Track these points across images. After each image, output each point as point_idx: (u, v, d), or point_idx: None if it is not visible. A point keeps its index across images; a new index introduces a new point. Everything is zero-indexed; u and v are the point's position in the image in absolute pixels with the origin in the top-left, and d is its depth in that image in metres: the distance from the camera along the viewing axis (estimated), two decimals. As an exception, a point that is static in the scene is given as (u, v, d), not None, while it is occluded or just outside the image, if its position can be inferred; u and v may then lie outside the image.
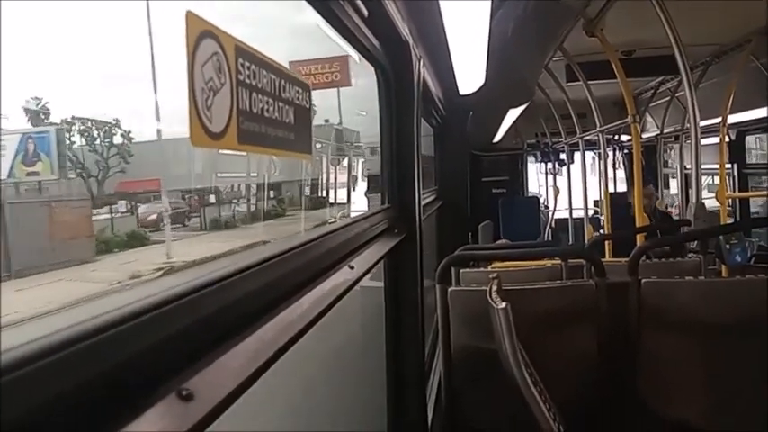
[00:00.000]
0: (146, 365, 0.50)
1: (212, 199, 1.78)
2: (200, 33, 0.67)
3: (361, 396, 1.83)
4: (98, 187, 1.27)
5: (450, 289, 1.99)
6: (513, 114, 5.32)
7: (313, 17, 1.12)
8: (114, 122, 1.33)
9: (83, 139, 1.26)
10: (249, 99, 0.79)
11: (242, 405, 0.58)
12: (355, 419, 1.77)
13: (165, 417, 0.48)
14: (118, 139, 1.33)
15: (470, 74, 2.79)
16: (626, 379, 1.92)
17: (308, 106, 1.02)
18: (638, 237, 3.62)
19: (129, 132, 1.35)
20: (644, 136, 5.92)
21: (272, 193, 2.14)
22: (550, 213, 7.79)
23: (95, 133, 1.30)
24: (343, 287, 1.00)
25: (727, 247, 3.23)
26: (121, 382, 0.47)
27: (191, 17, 0.64)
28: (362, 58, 1.54)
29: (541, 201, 8.40)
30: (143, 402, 0.48)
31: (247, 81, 0.79)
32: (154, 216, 1.44)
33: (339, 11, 1.13)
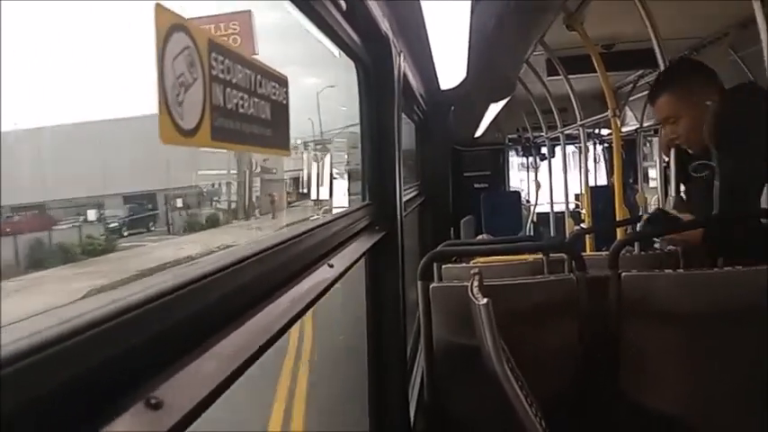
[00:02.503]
0: (112, 373, 0.48)
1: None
2: (171, 27, 0.64)
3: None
4: None
5: (431, 285, 1.98)
6: (494, 109, 5.34)
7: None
8: None
9: None
10: (223, 94, 0.77)
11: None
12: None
13: (131, 426, 0.46)
14: None
15: (451, 68, 2.78)
16: (608, 372, 1.93)
17: (285, 102, 0.99)
18: (618, 230, 3.65)
19: None
20: (624, 130, 5.96)
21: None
22: (532, 208, 7.83)
23: None
24: (322, 286, 0.98)
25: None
26: (86, 390, 0.45)
27: (160, 10, 0.62)
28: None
29: (523, 195, 8.44)
30: (108, 412, 0.46)
31: (221, 76, 0.76)
32: None
33: (316, 4, 1.11)
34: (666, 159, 2.77)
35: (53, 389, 0.43)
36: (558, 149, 6.90)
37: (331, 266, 1.07)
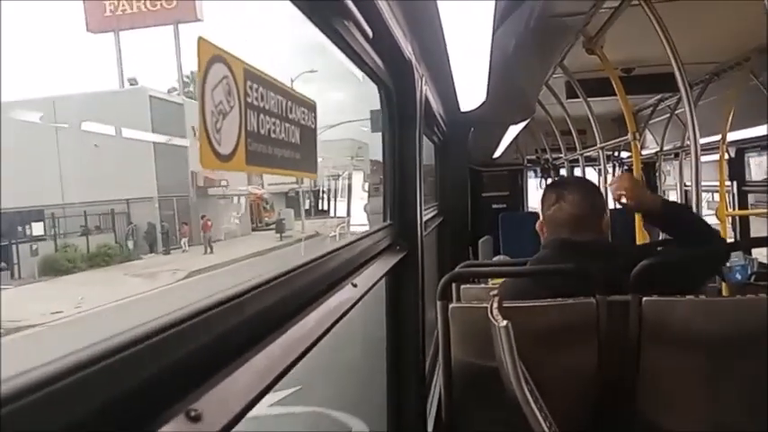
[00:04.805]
0: (154, 387, 0.50)
1: None
2: (211, 58, 0.68)
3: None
4: None
5: (450, 306, 1.98)
6: (513, 130, 5.36)
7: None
8: None
9: None
10: (257, 121, 0.80)
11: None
12: None
13: (174, 437, 0.49)
14: None
15: (472, 91, 2.81)
16: (627, 396, 1.91)
17: (313, 126, 1.03)
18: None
19: None
20: (643, 153, 5.95)
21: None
22: None
23: None
24: (347, 305, 1.01)
25: (728, 265, 3.22)
26: (130, 404, 0.48)
27: (202, 43, 0.66)
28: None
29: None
30: (152, 424, 0.49)
31: (255, 103, 0.80)
32: None
33: (344, 32, 1.15)
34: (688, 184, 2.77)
35: (101, 402, 0.45)
36: (577, 171, 6.89)
37: (355, 286, 1.10)
